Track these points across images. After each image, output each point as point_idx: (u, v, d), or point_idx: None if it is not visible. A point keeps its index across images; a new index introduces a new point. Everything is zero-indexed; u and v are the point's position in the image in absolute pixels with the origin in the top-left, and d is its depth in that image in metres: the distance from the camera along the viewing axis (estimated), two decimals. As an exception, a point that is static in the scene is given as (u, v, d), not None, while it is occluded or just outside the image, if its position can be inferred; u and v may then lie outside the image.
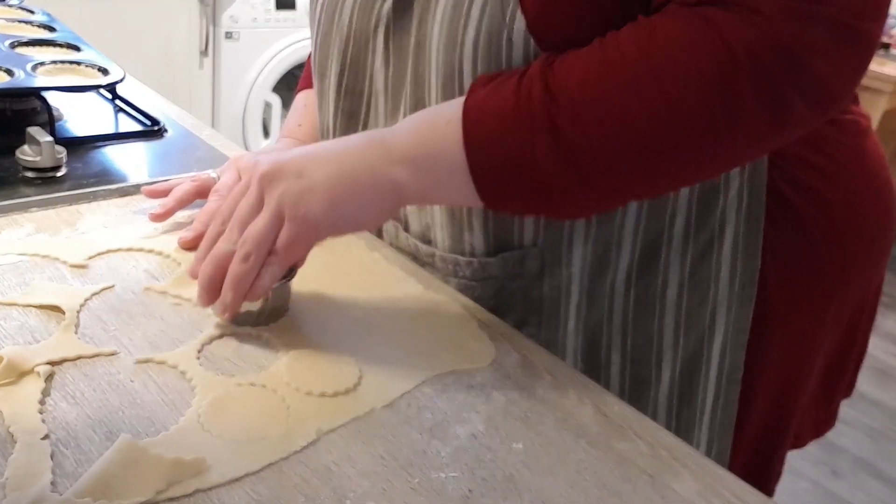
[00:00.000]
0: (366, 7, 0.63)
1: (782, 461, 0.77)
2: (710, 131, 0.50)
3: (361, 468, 0.45)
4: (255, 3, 2.53)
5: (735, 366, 0.67)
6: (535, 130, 0.50)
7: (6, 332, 0.52)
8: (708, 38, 0.48)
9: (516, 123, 0.51)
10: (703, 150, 0.52)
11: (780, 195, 0.64)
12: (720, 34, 0.48)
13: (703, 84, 0.48)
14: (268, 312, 0.56)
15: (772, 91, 0.49)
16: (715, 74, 0.48)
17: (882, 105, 2.76)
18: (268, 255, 0.53)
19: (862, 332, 0.78)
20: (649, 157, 0.51)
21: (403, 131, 0.55)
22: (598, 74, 0.50)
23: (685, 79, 0.48)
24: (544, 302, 0.64)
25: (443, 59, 0.57)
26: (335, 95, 0.68)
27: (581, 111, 0.50)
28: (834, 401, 0.81)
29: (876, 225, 0.69)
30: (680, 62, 0.49)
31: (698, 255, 0.64)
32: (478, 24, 0.55)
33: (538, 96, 0.51)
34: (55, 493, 0.40)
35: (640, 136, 0.50)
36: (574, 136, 0.50)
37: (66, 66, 0.87)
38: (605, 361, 0.67)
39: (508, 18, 0.54)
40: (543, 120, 0.50)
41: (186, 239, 0.63)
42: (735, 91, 0.48)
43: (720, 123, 0.50)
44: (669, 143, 0.50)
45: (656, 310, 0.65)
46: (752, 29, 0.48)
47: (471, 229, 0.62)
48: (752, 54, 0.48)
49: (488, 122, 0.52)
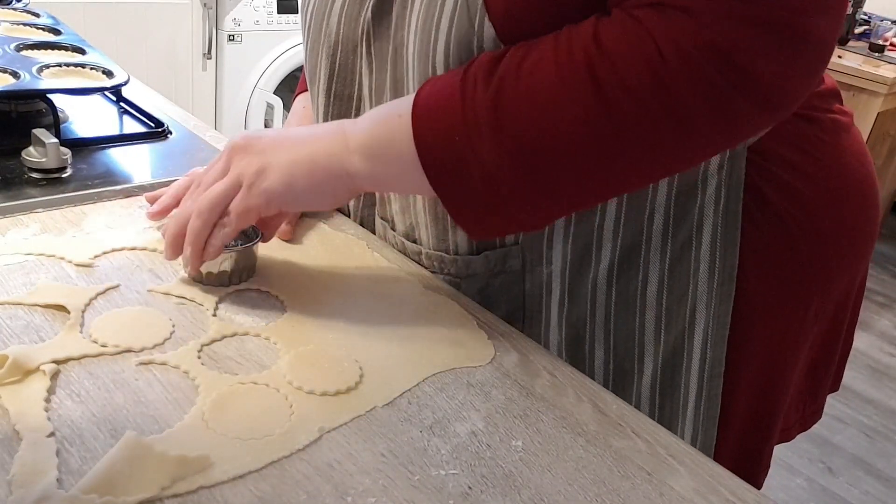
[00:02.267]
0: (352, 14, 0.64)
1: (770, 454, 0.78)
2: (651, 130, 0.51)
3: (363, 465, 0.46)
4: (258, 6, 2.54)
5: (717, 360, 0.68)
6: (479, 127, 0.52)
7: (12, 332, 0.53)
8: (638, 38, 0.49)
9: (461, 121, 0.53)
10: (649, 149, 0.53)
11: (758, 192, 0.65)
12: (649, 34, 0.49)
13: (637, 84, 0.50)
14: (237, 273, 0.62)
15: (710, 91, 0.50)
16: (646, 74, 0.49)
17: (877, 107, 2.77)
18: (220, 218, 0.58)
19: (847, 327, 0.78)
20: (592, 158, 0.52)
21: (363, 122, 0.58)
22: (543, 76, 0.52)
23: (621, 80, 0.50)
24: (527, 298, 0.65)
25: (418, 66, 0.59)
26: (325, 100, 0.70)
27: (523, 112, 0.52)
28: (820, 394, 0.81)
29: (857, 220, 0.70)
30: (616, 64, 0.50)
31: (677, 252, 0.65)
32: (447, 32, 0.56)
33: (482, 94, 0.52)
34: (61, 489, 0.41)
35: (580, 137, 0.51)
36: (516, 134, 0.52)
37: (72, 68, 0.88)
38: (588, 356, 0.68)
39: (477, 26, 0.55)
40: (488, 119, 0.52)
41: (153, 212, 0.66)
42: (670, 90, 0.49)
43: (661, 122, 0.51)
44: (612, 143, 0.52)
45: (637, 306, 0.66)
46: (678, 28, 0.49)
47: (455, 229, 0.64)
48: (680, 53, 0.49)
49: (435, 118, 0.54)
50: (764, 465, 0.78)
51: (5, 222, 0.66)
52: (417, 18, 0.58)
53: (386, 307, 0.61)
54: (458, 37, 0.56)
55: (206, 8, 2.46)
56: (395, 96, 0.62)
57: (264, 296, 0.61)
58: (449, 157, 0.54)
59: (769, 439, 0.76)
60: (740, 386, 0.70)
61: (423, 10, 0.58)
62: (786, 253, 0.67)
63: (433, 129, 0.54)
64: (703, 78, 0.49)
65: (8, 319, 0.54)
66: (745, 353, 0.69)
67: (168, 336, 0.54)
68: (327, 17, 0.66)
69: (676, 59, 0.49)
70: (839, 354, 0.80)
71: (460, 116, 0.53)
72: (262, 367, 0.53)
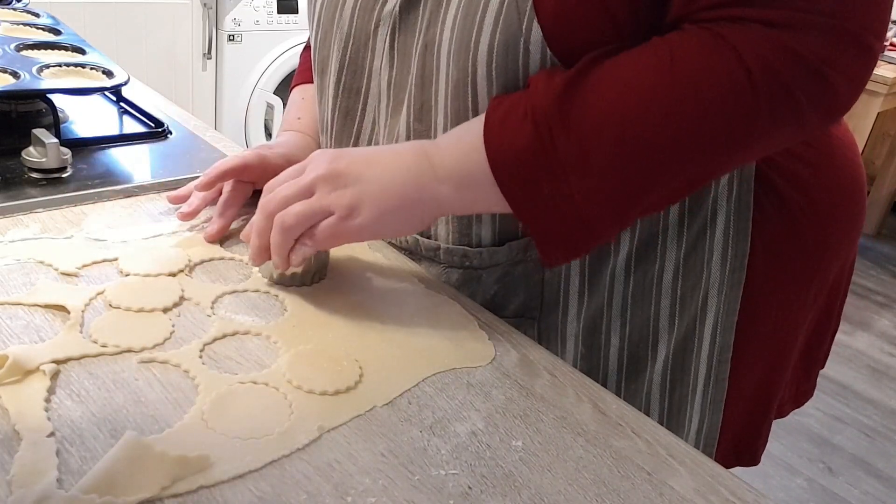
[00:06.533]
0: (366, 7, 0.64)
1: (769, 430, 0.81)
2: (725, 149, 0.53)
3: (363, 465, 0.45)
4: (258, 7, 2.54)
5: (725, 346, 0.70)
6: (565, 172, 0.53)
7: (12, 331, 0.53)
8: (724, 59, 0.50)
9: (545, 169, 0.54)
10: (718, 163, 0.55)
11: (767, 181, 0.66)
12: (735, 52, 0.50)
13: (722, 108, 0.51)
14: (310, 276, 0.63)
15: (787, 102, 0.51)
16: (733, 97, 0.50)
17: (877, 107, 2.77)
18: (304, 236, 0.58)
19: (837, 308, 0.81)
20: (670, 180, 0.54)
21: (447, 150, 0.57)
22: (619, 107, 0.52)
23: (705, 106, 0.51)
24: (546, 286, 0.66)
25: (454, 63, 0.58)
26: (334, 93, 0.69)
27: (604, 147, 0.52)
28: (813, 372, 0.84)
29: (851, 206, 0.72)
30: (700, 90, 0.50)
31: (692, 241, 0.67)
32: (492, 30, 0.56)
33: (560, 139, 0.53)
34: (61, 489, 0.41)
35: (660, 165, 0.53)
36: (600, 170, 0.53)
37: (72, 68, 0.88)
38: (604, 344, 0.69)
39: (525, 27, 0.55)
40: (571, 165, 0.53)
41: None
42: (751, 108, 0.50)
43: (736, 141, 0.52)
44: (688, 164, 0.53)
45: (653, 295, 0.68)
46: (768, 43, 0.49)
47: (479, 221, 0.64)
48: (768, 69, 0.49)
49: (515, 165, 0.54)
50: (762, 441, 0.80)
51: (5, 222, 0.66)
52: (456, 15, 0.57)
53: (386, 307, 0.61)
54: (505, 37, 0.55)
55: (206, 8, 2.46)
56: (421, 93, 0.62)
57: (264, 296, 0.61)
58: (538, 199, 0.55)
59: (768, 417, 0.79)
60: (745, 370, 0.72)
61: (464, 7, 0.57)
62: (790, 237, 0.69)
63: (516, 176, 0.55)
64: (783, 89, 0.50)
65: (8, 319, 0.54)
66: (751, 336, 0.71)
67: (168, 336, 0.54)
68: (340, 9, 0.66)
69: (762, 75, 0.50)
70: (829, 335, 0.83)
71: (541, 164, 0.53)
72: (261, 367, 0.53)
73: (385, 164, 0.58)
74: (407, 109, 0.63)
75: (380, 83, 0.66)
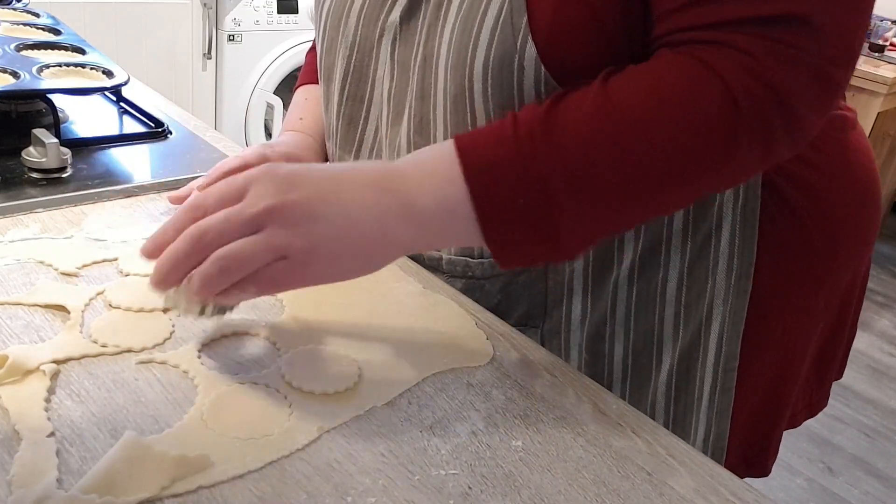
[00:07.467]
0: (371, 15, 0.64)
1: (779, 440, 0.80)
2: (706, 172, 0.52)
3: (362, 465, 0.46)
4: (258, 6, 2.54)
5: (731, 355, 0.69)
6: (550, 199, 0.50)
7: (12, 332, 0.53)
8: (711, 85, 0.50)
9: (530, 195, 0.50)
10: (696, 187, 0.54)
11: (774, 187, 0.66)
12: (723, 81, 0.49)
13: (709, 131, 0.50)
14: (217, 309, 0.52)
15: (764, 132, 0.51)
16: (719, 122, 0.50)
17: (877, 107, 2.77)
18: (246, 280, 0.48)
19: (851, 317, 0.80)
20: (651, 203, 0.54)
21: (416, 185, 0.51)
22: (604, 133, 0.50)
23: (693, 130, 0.50)
24: (549, 296, 0.66)
25: (451, 78, 0.58)
26: (339, 100, 0.70)
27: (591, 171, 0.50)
28: (826, 382, 0.83)
29: (862, 212, 0.71)
30: (687, 114, 0.50)
31: (697, 250, 0.66)
32: (488, 45, 0.55)
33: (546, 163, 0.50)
34: (61, 489, 0.41)
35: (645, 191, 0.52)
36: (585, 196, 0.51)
37: (72, 68, 0.88)
38: (608, 352, 0.69)
39: (519, 45, 0.54)
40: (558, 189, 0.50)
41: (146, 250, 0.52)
42: (734, 134, 0.50)
43: (717, 165, 0.52)
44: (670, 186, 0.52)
45: (657, 304, 0.67)
46: (747, 73, 0.49)
47: None
48: (752, 99, 0.49)
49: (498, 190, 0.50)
50: (773, 451, 0.79)
51: (5, 222, 0.66)
52: (453, 28, 0.57)
53: (386, 307, 0.61)
54: (500, 53, 0.55)
55: (206, 8, 2.46)
56: (421, 105, 0.62)
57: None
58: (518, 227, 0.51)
59: (778, 426, 0.78)
60: (752, 379, 0.71)
61: (461, 21, 0.57)
62: (798, 245, 0.68)
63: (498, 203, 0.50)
64: (763, 119, 0.50)
65: (8, 319, 0.54)
66: (758, 345, 0.70)
67: (168, 336, 0.54)
68: (345, 17, 0.66)
69: (747, 104, 0.49)
70: (844, 344, 0.82)
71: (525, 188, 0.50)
72: (261, 367, 0.53)
73: (344, 200, 0.50)
74: (407, 122, 0.63)
75: (382, 93, 0.66)
